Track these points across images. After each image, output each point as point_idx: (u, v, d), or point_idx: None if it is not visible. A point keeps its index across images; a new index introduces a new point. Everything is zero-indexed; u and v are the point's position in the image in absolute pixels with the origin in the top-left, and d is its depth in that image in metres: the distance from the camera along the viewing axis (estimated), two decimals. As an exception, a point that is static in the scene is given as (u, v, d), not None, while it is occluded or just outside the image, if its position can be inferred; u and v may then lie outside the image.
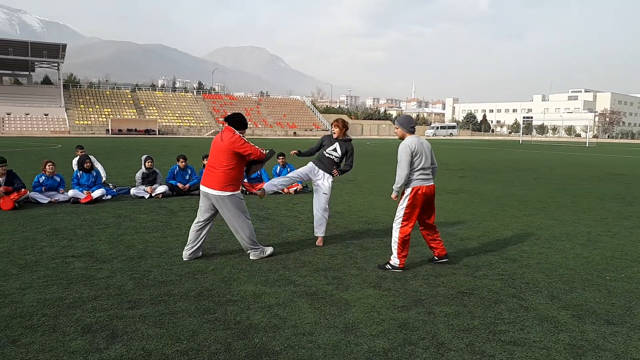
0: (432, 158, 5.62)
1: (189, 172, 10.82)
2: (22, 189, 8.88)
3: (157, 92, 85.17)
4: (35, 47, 65.84)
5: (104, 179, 10.80)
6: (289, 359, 3.32)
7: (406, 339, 3.66)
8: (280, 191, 11.10)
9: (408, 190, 5.37)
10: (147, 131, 65.75)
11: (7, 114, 62.61)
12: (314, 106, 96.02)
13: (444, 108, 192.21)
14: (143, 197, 10.13)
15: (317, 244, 6.47)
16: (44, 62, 71.43)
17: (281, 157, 11.19)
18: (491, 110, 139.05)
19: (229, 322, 3.91)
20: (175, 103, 78.46)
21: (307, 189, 11.73)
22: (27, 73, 75.43)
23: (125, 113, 70.87)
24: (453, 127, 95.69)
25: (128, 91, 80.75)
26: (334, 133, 6.58)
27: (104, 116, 68.18)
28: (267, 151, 5.76)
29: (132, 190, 10.31)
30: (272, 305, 4.27)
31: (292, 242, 6.60)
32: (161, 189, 10.31)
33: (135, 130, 64.98)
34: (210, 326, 3.82)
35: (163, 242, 6.46)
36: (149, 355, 3.33)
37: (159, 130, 67.16)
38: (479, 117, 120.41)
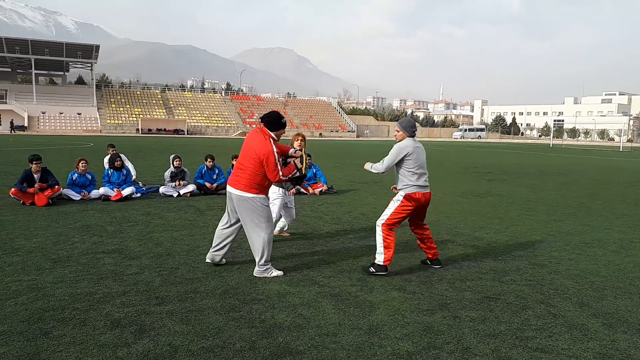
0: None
1: (217, 171, 10.95)
2: (56, 186, 9.14)
3: (186, 92, 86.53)
4: (69, 48, 67.71)
5: (134, 177, 11.04)
6: (312, 358, 3.33)
7: (431, 342, 3.63)
8: (305, 192, 11.15)
9: (401, 194, 5.37)
10: (176, 131, 66.86)
11: (42, 113, 64.54)
12: (340, 107, 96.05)
13: (472, 110, 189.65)
14: (171, 195, 10.30)
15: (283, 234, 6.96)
16: (78, 63, 73.37)
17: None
18: (521, 113, 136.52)
19: (254, 320, 3.95)
20: (203, 103, 79.56)
21: (332, 189, 11.74)
22: (62, 73, 77.68)
23: (155, 113, 72.22)
24: (481, 130, 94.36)
25: (158, 91, 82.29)
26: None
27: (134, 116, 69.61)
28: (299, 166, 5.36)
29: (161, 189, 10.51)
30: (297, 305, 4.29)
31: (316, 243, 6.62)
32: (189, 188, 10.47)
33: (165, 130, 66.16)
34: (236, 324, 3.87)
35: (190, 240, 6.56)
36: (176, 351, 3.39)
37: (187, 130, 68.22)
38: (508, 120, 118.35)
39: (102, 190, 9.63)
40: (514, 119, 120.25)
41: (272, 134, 5.15)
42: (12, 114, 62.61)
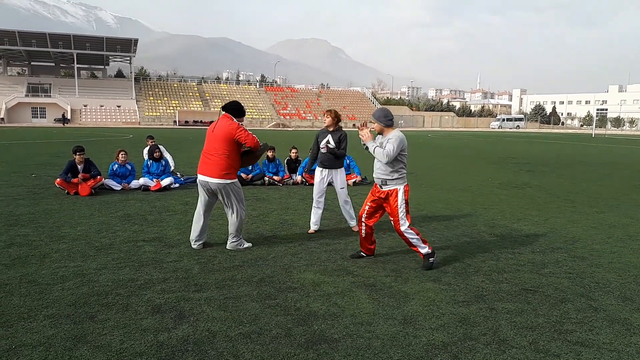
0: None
1: None
2: (98, 176, 9.45)
3: (221, 85, 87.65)
4: (109, 42, 69.53)
5: (172, 168, 11.30)
6: (347, 347, 3.37)
7: (466, 334, 3.61)
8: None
9: (402, 188, 5.11)
10: (211, 123, 67.87)
11: (84, 106, 66.62)
12: (374, 98, 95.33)
13: (510, 99, 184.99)
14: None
15: (353, 229, 6.74)
16: (118, 57, 75.25)
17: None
18: (561, 102, 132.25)
19: (289, 308, 4.01)
20: (238, 95, 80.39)
21: (366, 180, 11.71)
22: (102, 67, 79.84)
23: (191, 105, 73.49)
24: (520, 120, 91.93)
25: (194, 84, 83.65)
26: (325, 122, 6.59)
27: (171, 108, 71.03)
28: (262, 143, 5.68)
29: (198, 179, 10.71)
30: (331, 294, 4.33)
31: (349, 234, 6.63)
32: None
33: (201, 121, 67.25)
34: (272, 311, 3.94)
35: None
36: (214, 336, 3.49)
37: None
38: (548, 109, 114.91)
39: (141, 180, 9.91)
40: (554, 108, 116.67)
41: (237, 122, 5.55)
42: (56, 107, 64.88)
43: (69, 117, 63.99)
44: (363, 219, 5.37)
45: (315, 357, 3.22)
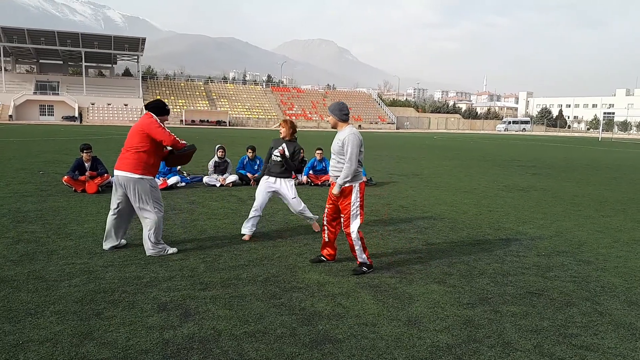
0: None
1: (258, 162, 11.12)
2: (105, 174, 9.51)
3: (228, 84, 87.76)
4: (117, 41, 69.85)
5: (178, 167, 11.34)
6: (351, 347, 3.38)
7: (471, 336, 3.61)
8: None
9: (357, 186, 4.94)
10: (218, 122, 68.06)
11: (92, 104, 66.94)
12: (380, 99, 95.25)
13: (517, 102, 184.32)
14: (214, 185, 10.55)
15: (313, 228, 6.73)
16: (125, 55, 75.56)
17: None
18: (568, 105, 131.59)
19: (294, 307, 4.03)
20: (245, 95, 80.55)
21: (371, 181, 11.72)
22: (110, 65, 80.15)
23: (198, 104, 73.68)
24: (526, 122, 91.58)
25: (201, 83, 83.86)
26: (281, 133, 6.31)
27: (178, 107, 71.24)
28: (188, 145, 5.48)
29: (205, 179, 10.77)
30: (336, 295, 4.35)
31: (356, 234, 6.63)
32: (231, 178, 10.68)
33: (207, 121, 67.43)
34: (276, 311, 3.96)
35: (233, 229, 6.71)
36: (219, 334, 3.51)
37: (229, 122, 69.29)
38: (555, 112, 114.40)
39: (148, 179, 9.95)
40: (560, 111, 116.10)
41: (158, 119, 5.37)
42: (64, 104, 65.22)
43: (76, 115, 64.31)
44: (325, 223, 5.22)
45: (320, 357, 3.24)
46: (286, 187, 6.31)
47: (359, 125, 77.99)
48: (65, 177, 9.32)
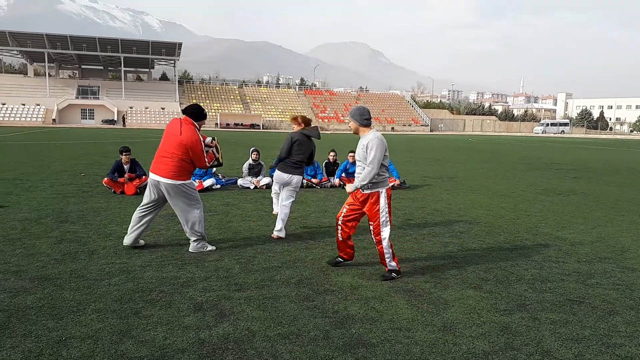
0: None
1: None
2: (143, 176, 9.75)
3: (262, 88, 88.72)
4: (155, 46, 71.59)
5: (214, 169, 11.53)
6: (385, 352, 3.35)
7: (508, 343, 3.53)
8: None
9: (383, 192, 4.85)
10: (252, 125, 68.88)
11: (130, 108, 68.82)
12: (414, 101, 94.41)
13: (555, 104, 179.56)
14: (249, 187, 10.68)
15: (272, 237, 6.39)
16: (162, 60, 77.39)
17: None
18: (610, 107, 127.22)
19: (327, 310, 4.03)
20: (278, 99, 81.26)
21: (404, 184, 11.62)
22: (148, 70, 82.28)
23: (232, 108, 74.78)
24: (565, 124, 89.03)
25: (235, 87, 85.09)
26: (294, 128, 6.52)
27: (213, 110, 72.42)
28: (214, 162, 5.69)
29: (239, 181, 10.92)
30: (369, 298, 4.32)
31: (389, 238, 6.58)
32: (265, 180, 10.79)
33: (242, 124, 68.33)
34: (310, 313, 3.96)
35: (266, 231, 6.77)
36: (254, 335, 3.54)
37: (262, 125, 70.01)
38: (595, 114, 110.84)
39: (184, 181, 10.16)
40: (601, 112, 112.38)
41: (197, 124, 5.49)
42: (104, 108, 67.30)
43: (115, 118, 66.24)
44: (340, 223, 5.13)
45: (353, 360, 3.23)
46: (295, 179, 6.49)
47: (392, 128, 77.49)
48: (105, 179, 9.60)
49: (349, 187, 4.92)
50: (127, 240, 5.69)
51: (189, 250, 5.63)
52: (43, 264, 5.02)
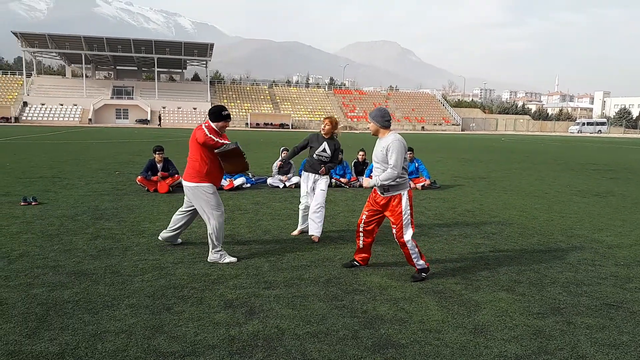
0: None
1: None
2: (176, 175, 9.93)
3: (291, 88, 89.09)
4: (187, 47, 72.73)
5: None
6: (415, 353, 3.32)
7: (542, 347, 3.45)
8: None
9: (405, 194, 4.79)
10: (281, 125, 69.25)
11: (163, 108, 70.15)
12: (445, 100, 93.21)
13: (592, 102, 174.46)
14: (278, 186, 10.75)
15: (313, 239, 6.26)
16: (194, 61, 78.56)
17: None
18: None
19: (356, 310, 4.02)
20: (307, 98, 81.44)
21: (435, 184, 11.49)
22: (180, 70, 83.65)
23: (262, 108, 75.35)
24: (602, 124, 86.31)
25: (266, 87, 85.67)
26: (323, 130, 6.35)
27: (244, 110, 73.17)
28: (227, 144, 5.27)
29: (269, 180, 11.01)
30: (398, 299, 4.29)
31: (417, 238, 6.52)
32: (294, 179, 10.84)
33: (271, 124, 68.78)
34: (339, 312, 3.96)
35: (295, 229, 6.78)
36: (283, 333, 3.56)
37: (292, 125, 70.33)
38: (635, 113, 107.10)
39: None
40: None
41: (214, 125, 5.30)
42: (138, 108, 68.82)
43: (148, 118, 67.65)
44: (361, 230, 5.10)
45: (382, 361, 3.21)
46: (322, 181, 6.45)
47: (422, 127, 76.73)
48: (139, 177, 9.82)
49: (367, 182, 4.90)
50: (161, 237, 5.82)
51: (208, 260, 5.30)
52: (79, 260, 5.17)
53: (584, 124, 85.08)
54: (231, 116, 5.58)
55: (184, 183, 5.39)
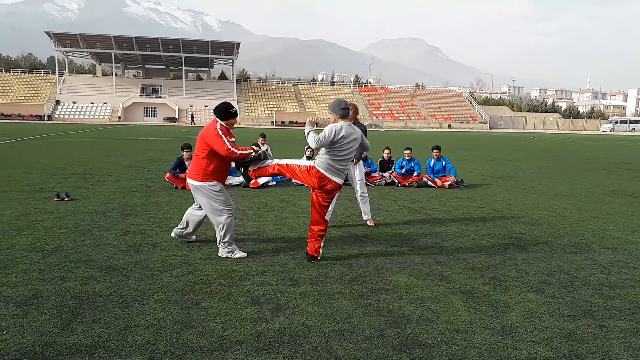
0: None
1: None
2: (203, 172, 10.05)
3: (316, 86, 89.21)
4: (214, 46, 73.55)
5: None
6: (442, 353, 3.29)
7: (572, 350, 3.38)
8: (432, 184, 10.95)
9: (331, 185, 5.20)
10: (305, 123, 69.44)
11: (190, 106, 71.14)
12: (472, 97, 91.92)
13: (625, 100, 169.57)
14: (303, 184, 10.76)
15: (368, 223, 7.06)
16: (221, 59, 79.43)
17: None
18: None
19: (382, 309, 4.01)
20: (333, 96, 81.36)
21: (462, 183, 11.35)
22: (207, 69, 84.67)
23: (287, 106, 75.68)
24: (636, 122, 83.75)
25: (291, 85, 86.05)
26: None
27: (269, 109, 73.61)
28: (250, 153, 5.28)
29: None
30: (425, 299, 4.26)
31: (444, 238, 6.46)
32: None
33: (296, 122, 68.99)
34: (364, 311, 3.96)
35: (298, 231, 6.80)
36: (309, 330, 3.58)
37: (316, 123, 70.38)
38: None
39: (242, 177, 10.41)
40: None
41: (223, 123, 5.30)
42: (166, 106, 69.97)
43: (176, 116, 68.65)
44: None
45: (409, 360, 3.19)
46: (356, 168, 7.10)
47: (449, 125, 75.87)
48: (167, 174, 9.98)
49: (306, 128, 5.34)
50: (173, 233, 5.87)
51: (218, 254, 5.38)
52: (110, 255, 5.29)
53: (617, 122, 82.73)
54: (238, 113, 5.66)
55: (189, 181, 5.39)
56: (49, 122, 58.39)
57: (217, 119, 5.32)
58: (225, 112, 5.31)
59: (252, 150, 5.32)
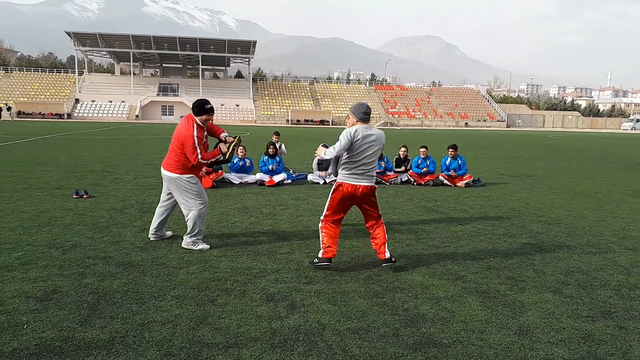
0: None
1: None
2: (220, 170, 10.13)
3: (332, 84, 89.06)
4: (230, 45, 73.86)
5: (284, 153, 11.94)
6: (457, 353, 3.28)
7: (590, 351, 3.33)
8: (449, 183, 10.88)
9: (335, 184, 5.10)
10: (321, 121, 69.40)
11: (207, 105, 71.54)
12: (490, 95, 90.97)
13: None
14: (318, 182, 10.79)
15: None
16: (238, 58, 79.68)
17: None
18: None
19: (397, 308, 3.99)
20: (348, 95, 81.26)
21: (479, 182, 11.25)
22: (224, 68, 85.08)
23: (303, 104, 75.71)
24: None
25: (307, 84, 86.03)
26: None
27: (285, 107, 73.74)
28: (221, 154, 5.54)
29: (309, 176, 11.07)
30: (440, 298, 4.24)
31: (461, 237, 6.42)
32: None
33: (312, 120, 69.05)
34: (379, 309, 3.95)
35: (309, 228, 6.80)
36: (324, 328, 3.59)
37: (332, 121, 70.38)
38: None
39: (258, 175, 10.46)
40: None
41: (197, 119, 5.42)
42: (183, 105, 70.52)
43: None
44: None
45: None
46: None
47: (466, 123, 75.20)
48: (184, 172, 10.06)
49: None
50: (150, 236, 5.87)
51: (182, 245, 5.58)
52: (128, 251, 5.36)
53: (638, 120, 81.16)
54: (214, 109, 5.76)
55: (164, 172, 5.53)
56: (69, 121, 59.31)
57: (192, 114, 5.46)
58: (200, 107, 5.48)
59: (220, 154, 5.56)
